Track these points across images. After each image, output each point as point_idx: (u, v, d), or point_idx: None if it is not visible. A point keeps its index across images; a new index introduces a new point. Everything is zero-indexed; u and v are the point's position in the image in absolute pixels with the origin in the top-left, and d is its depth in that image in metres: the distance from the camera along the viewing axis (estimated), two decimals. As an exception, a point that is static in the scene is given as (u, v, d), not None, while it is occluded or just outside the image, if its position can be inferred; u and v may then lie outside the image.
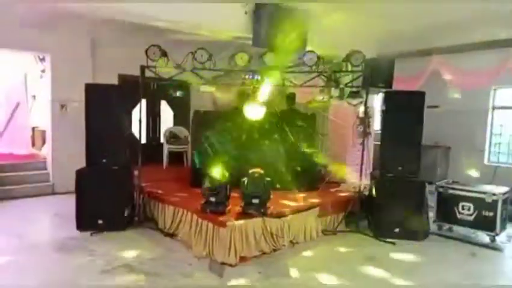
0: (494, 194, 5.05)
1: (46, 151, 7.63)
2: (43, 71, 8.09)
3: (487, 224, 5.08)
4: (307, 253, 4.53)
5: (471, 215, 5.21)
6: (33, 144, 8.58)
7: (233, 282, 3.68)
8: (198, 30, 5.28)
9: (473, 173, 7.68)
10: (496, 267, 4.42)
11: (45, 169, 7.29)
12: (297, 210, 4.82)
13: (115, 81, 7.60)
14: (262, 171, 4.56)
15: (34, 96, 9.15)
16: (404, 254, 4.59)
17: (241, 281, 3.70)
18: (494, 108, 8.37)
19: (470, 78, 6.46)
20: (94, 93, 5.10)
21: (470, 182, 5.45)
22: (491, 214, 5.05)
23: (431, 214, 5.56)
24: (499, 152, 8.34)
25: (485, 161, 8.35)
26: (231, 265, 3.98)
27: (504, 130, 8.21)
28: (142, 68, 5.16)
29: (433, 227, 5.47)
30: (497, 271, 4.30)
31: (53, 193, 7.03)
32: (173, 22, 5.05)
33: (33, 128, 8.74)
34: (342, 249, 4.73)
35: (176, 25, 5.15)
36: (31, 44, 6.81)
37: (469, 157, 8.38)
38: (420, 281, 3.90)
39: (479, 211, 5.14)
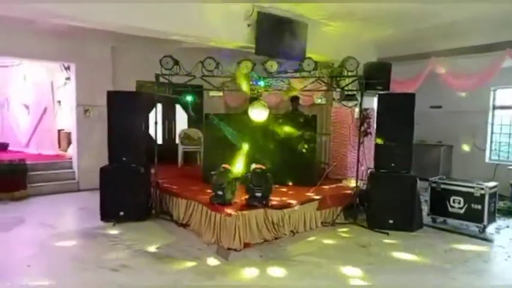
0: (482, 188, 5.42)
1: (72, 152, 8.32)
2: (68, 78, 8.81)
3: (475, 217, 5.45)
4: (306, 241, 5.01)
5: (461, 208, 5.59)
6: (59, 146, 9.30)
7: (237, 264, 4.18)
8: (207, 42, 5.82)
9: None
10: (475, 253, 4.77)
11: (71, 168, 7.98)
12: (297, 203, 5.30)
13: (133, 86, 8.27)
14: (264, 167, 5.07)
15: (59, 102, 9.90)
16: (395, 243, 5.01)
17: (244, 262, 4.21)
18: (494, 108, 8.68)
19: (465, 81, 6.80)
20: (115, 99, 5.70)
21: (472, 179, 5.79)
22: (479, 207, 5.42)
23: (425, 208, 5.97)
24: (499, 150, 8.63)
25: (487, 159, 8.65)
26: (235, 250, 4.50)
27: (504, 129, 8.50)
28: (157, 76, 5.72)
29: (428, 219, 5.86)
30: (477, 256, 4.67)
31: (78, 190, 7.70)
32: (185, 36, 5.60)
33: (59, 131, 9.46)
34: (339, 238, 5.19)
35: (188, 39, 5.71)
36: (58, 54, 7.52)
37: (470, 155, 8.71)
38: (406, 264, 4.33)
39: (469, 204, 5.51)
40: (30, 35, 6.91)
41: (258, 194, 4.90)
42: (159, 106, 6.07)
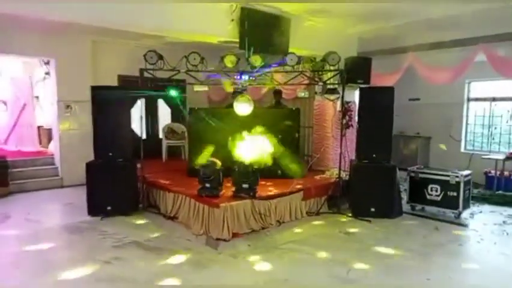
0: (457, 177, 5.71)
1: (53, 148, 8.22)
2: (47, 73, 8.65)
3: (451, 203, 5.75)
4: (292, 230, 5.18)
5: (438, 195, 5.87)
6: (40, 142, 9.15)
7: (226, 253, 4.30)
8: (191, 37, 5.86)
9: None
10: (451, 237, 5.05)
11: (54, 164, 7.89)
12: (283, 194, 5.45)
13: (114, 81, 8.21)
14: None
15: (37, 97, 9.71)
16: (376, 229, 5.24)
17: (233, 251, 4.34)
18: (469, 100, 9.05)
19: (441, 74, 7.08)
20: (99, 94, 5.67)
21: (448, 168, 6.07)
22: (455, 194, 5.71)
23: (405, 196, 6.23)
24: (474, 141, 9.02)
25: (462, 150, 9.04)
26: (224, 240, 4.61)
27: (478, 120, 8.89)
28: (141, 71, 5.73)
29: (407, 207, 6.13)
30: (453, 240, 4.94)
31: (62, 186, 7.63)
32: (169, 31, 5.63)
33: (38, 127, 9.30)
34: (323, 227, 5.39)
35: (172, 33, 5.73)
36: (37, 49, 7.38)
37: (447, 146, 9.07)
38: (388, 250, 4.55)
39: (445, 192, 5.80)
40: (8, 30, 6.75)
41: (245, 186, 5.02)
42: (142, 101, 6.05)
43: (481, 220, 5.76)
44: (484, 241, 4.85)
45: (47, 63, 8.20)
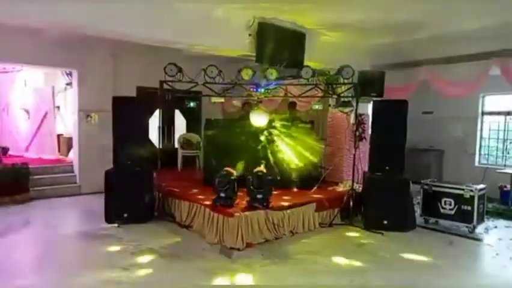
0: (471, 190, 5.69)
1: (72, 156, 8.46)
2: (68, 84, 8.97)
3: (465, 217, 5.72)
4: (305, 240, 5.23)
5: (452, 209, 5.85)
6: (59, 150, 9.41)
7: (240, 262, 4.38)
8: (210, 50, 6.05)
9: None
10: (466, 251, 5.03)
11: (73, 172, 8.11)
12: (296, 205, 5.53)
13: (133, 92, 8.44)
14: (265, 170, 5.30)
15: (58, 107, 10.03)
16: (389, 242, 5.25)
17: (247, 261, 4.41)
18: (483, 113, 9.01)
19: (455, 88, 7.11)
20: (119, 105, 5.87)
21: (461, 182, 6.05)
22: (469, 208, 5.69)
23: (418, 209, 6.23)
24: (488, 155, 8.95)
25: (476, 163, 8.97)
26: (238, 249, 4.69)
27: (493, 134, 8.83)
28: (161, 83, 5.92)
29: (420, 220, 6.12)
30: (467, 254, 4.93)
31: (80, 194, 7.83)
32: (190, 45, 5.84)
33: (58, 136, 9.58)
34: (336, 238, 5.43)
35: (192, 47, 5.94)
36: (60, 61, 7.69)
37: (461, 160, 9.02)
38: (401, 262, 4.56)
39: (459, 206, 5.78)
40: (33, 42, 7.03)
41: (259, 196, 5.11)
42: (159, 112, 6.24)
43: (496, 235, 5.71)
44: (499, 256, 4.82)
45: (69, 74, 8.50)
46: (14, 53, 7.12)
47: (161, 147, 6.35)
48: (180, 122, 10.03)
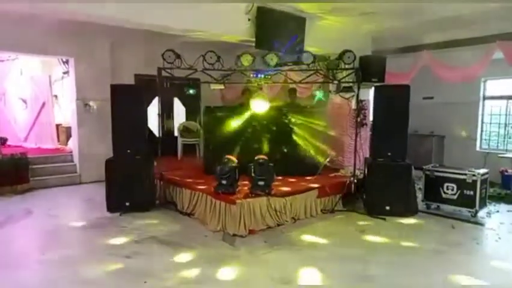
0: (474, 175, 5.67)
1: (72, 145, 8.40)
2: (65, 72, 8.84)
3: (468, 202, 5.70)
4: (307, 227, 5.22)
5: (454, 194, 5.84)
6: (58, 140, 9.35)
7: (243, 249, 4.38)
8: (208, 36, 5.93)
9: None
10: (468, 236, 5.02)
11: (72, 161, 8.08)
12: (298, 191, 5.50)
13: (131, 80, 8.35)
14: (266, 158, 5.26)
15: (56, 96, 9.93)
16: (391, 227, 5.25)
17: (249, 248, 4.41)
18: (485, 98, 8.95)
19: (456, 73, 7.03)
20: (118, 93, 5.78)
21: (463, 167, 6.02)
22: (471, 193, 5.67)
23: (420, 195, 6.21)
24: (489, 140, 8.92)
25: (477, 148, 8.95)
26: (241, 236, 4.69)
27: (494, 119, 8.78)
28: (159, 70, 5.83)
29: (422, 206, 6.11)
30: (470, 239, 4.93)
31: (80, 183, 7.81)
32: (187, 31, 5.72)
33: (57, 125, 9.51)
34: (338, 224, 5.42)
35: (189, 32, 5.81)
36: (57, 48, 7.56)
37: (462, 145, 9.00)
38: (404, 247, 4.56)
39: (461, 190, 5.76)
40: (29, 30, 6.89)
41: (261, 183, 5.08)
42: (158, 99, 6.16)
43: (498, 219, 5.72)
44: (501, 240, 4.83)
45: (66, 62, 8.38)
46: (10, 41, 6.97)
47: (161, 135, 6.29)
48: (180, 111, 9.96)
